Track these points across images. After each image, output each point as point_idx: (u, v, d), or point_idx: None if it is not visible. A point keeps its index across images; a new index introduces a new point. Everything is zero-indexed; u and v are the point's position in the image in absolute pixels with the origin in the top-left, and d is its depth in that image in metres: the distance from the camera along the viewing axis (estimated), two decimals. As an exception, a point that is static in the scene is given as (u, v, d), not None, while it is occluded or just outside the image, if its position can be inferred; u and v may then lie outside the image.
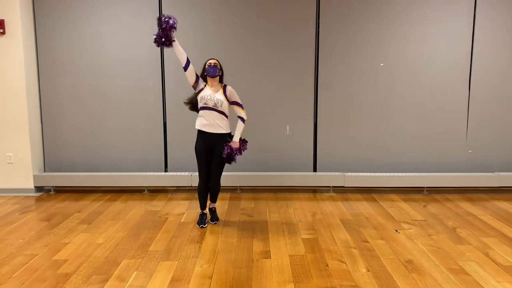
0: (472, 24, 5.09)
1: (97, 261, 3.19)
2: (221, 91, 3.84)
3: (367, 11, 5.08)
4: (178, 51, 3.82)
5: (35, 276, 2.94)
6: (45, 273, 2.99)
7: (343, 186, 5.19)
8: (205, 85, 3.87)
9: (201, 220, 4.00)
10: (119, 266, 3.09)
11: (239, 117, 3.90)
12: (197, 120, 3.90)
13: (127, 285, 2.81)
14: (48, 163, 5.34)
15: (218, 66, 3.82)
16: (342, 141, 5.30)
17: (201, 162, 3.91)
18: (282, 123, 5.26)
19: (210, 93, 3.80)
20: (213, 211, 4.12)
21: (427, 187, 5.19)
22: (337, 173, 5.18)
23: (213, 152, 3.89)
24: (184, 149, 5.29)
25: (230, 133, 3.92)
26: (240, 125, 3.89)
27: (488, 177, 5.13)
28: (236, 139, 3.87)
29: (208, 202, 4.11)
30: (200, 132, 3.90)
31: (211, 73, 3.78)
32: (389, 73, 5.18)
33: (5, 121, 5.02)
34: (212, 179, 3.94)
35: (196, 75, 3.87)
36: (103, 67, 5.17)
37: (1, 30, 4.84)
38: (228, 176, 4.89)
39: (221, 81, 3.91)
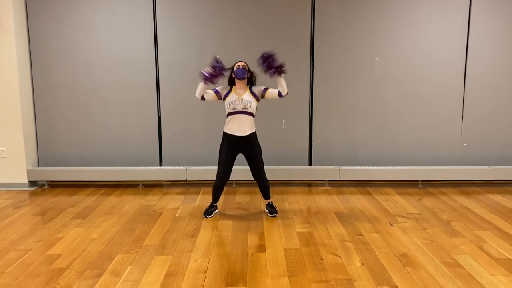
0: (468, 18, 5.08)
1: (91, 256, 3.17)
2: (247, 91, 3.88)
3: (364, 5, 5.06)
4: (205, 89, 3.90)
5: (28, 271, 2.93)
6: (38, 268, 2.97)
7: (338, 180, 5.19)
8: (230, 90, 3.90)
9: (209, 210, 4.08)
10: (113, 261, 3.08)
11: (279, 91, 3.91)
12: (226, 125, 3.92)
13: (121, 280, 2.80)
14: (42, 158, 5.31)
15: (247, 69, 3.86)
16: (338, 135, 5.30)
17: (223, 160, 3.95)
18: (277, 117, 5.24)
19: (236, 97, 3.84)
20: (270, 205, 4.14)
21: (422, 181, 5.20)
22: (332, 167, 5.18)
23: (246, 154, 3.96)
24: (179, 144, 5.28)
25: (255, 132, 3.96)
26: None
27: (483, 170, 5.15)
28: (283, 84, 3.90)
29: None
30: (227, 135, 3.92)
31: (240, 75, 3.83)
32: (385, 67, 5.17)
33: (-2, 115, 4.99)
34: (258, 179, 4.03)
35: (212, 90, 3.91)
36: (97, 61, 5.13)
37: (-7, 23, 4.80)
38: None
39: (250, 83, 3.94)
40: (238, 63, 3.88)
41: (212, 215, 4.07)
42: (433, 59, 5.16)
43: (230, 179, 5.01)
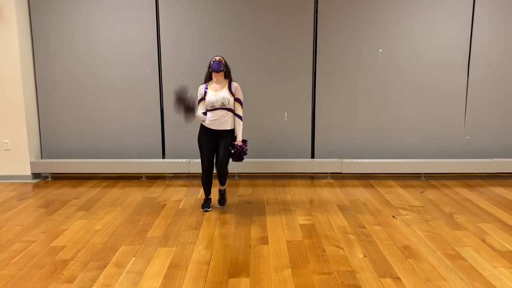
0: (472, 10, 5.04)
1: (95, 247, 3.19)
2: (226, 87, 3.87)
3: (366, -4, 5.04)
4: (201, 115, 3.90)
5: (33, 262, 2.95)
6: (43, 259, 3.00)
7: (341, 173, 5.20)
8: (206, 87, 3.88)
9: (206, 204, 4.08)
10: (117, 252, 3.10)
11: (237, 115, 3.92)
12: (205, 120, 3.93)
13: (125, 271, 2.82)
14: (45, 150, 5.32)
15: (223, 62, 3.85)
16: (340, 127, 5.29)
17: (204, 152, 3.95)
18: (280, 110, 5.23)
19: (213, 95, 3.82)
20: (221, 193, 4.16)
21: (424, 173, 5.20)
22: (334, 160, 5.18)
23: (218, 143, 3.93)
24: (182, 136, 5.28)
25: (234, 129, 3.96)
26: (239, 123, 3.94)
27: (486, 163, 5.14)
28: (239, 138, 3.93)
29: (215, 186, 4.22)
30: (205, 128, 3.93)
31: (216, 68, 3.81)
32: (388, 59, 5.15)
33: (1, 107, 4.99)
34: (219, 167, 3.98)
35: (199, 102, 3.89)
36: (99, 53, 5.12)
37: (-5, 15, 4.79)
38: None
39: (227, 77, 3.92)
40: (215, 57, 3.87)
41: (210, 208, 4.08)
42: (437, 52, 5.13)
43: (232, 171, 5.07)
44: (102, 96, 5.21)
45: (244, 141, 3.96)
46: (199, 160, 5.08)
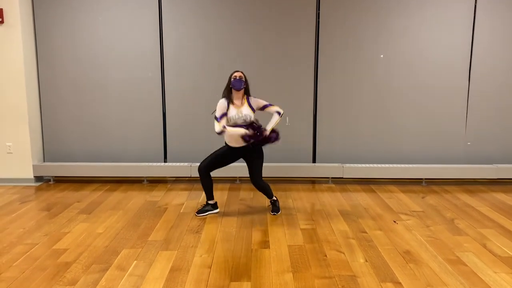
0: (473, 15, 5.06)
1: (97, 251, 3.20)
2: (246, 104, 3.86)
3: (369, 3, 5.05)
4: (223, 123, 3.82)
5: (35, 265, 2.96)
6: (45, 262, 3.01)
7: (342, 177, 5.20)
8: (228, 103, 3.83)
9: (201, 209, 4.08)
10: (119, 256, 3.11)
11: (277, 112, 3.92)
12: (226, 136, 3.90)
13: (127, 274, 2.83)
14: (48, 153, 5.34)
15: (243, 79, 3.83)
16: (342, 132, 5.30)
17: (220, 159, 3.97)
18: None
19: (236, 112, 3.80)
20: (272, 203, 4.14)
21: (426, 179, 5.21)
22: (336, 164, 5.19)
23: (248, 161, 3.96)
24: (183, 140, 5.30)
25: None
26: (275, 117, 3.90)
27: (487, 169, 5.15)
28: (268, 128, 3.85)
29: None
30: (229, 146, 3.94)
31: (237, 86, 3.80)
32: (389, 64, 5.17)
33: (4, 110, 5.01)
34: (255, 185, 4.00)
35: (222, 117, 3.81)
36: (102, 57, 5.15)
37: (0, 19, 4.81)
38: (228, 167, 4.89)
39: (246, 93, 3.91)
40: (235, 74, 3.83)
41: (205, 214, 4.03)
42: (438, 57, 5.14)
43: (233, 175, 5.09)
44: (105, 100, 5.24)
45: (273, 131, 3.85)
46: (201, 164, 5.14)
